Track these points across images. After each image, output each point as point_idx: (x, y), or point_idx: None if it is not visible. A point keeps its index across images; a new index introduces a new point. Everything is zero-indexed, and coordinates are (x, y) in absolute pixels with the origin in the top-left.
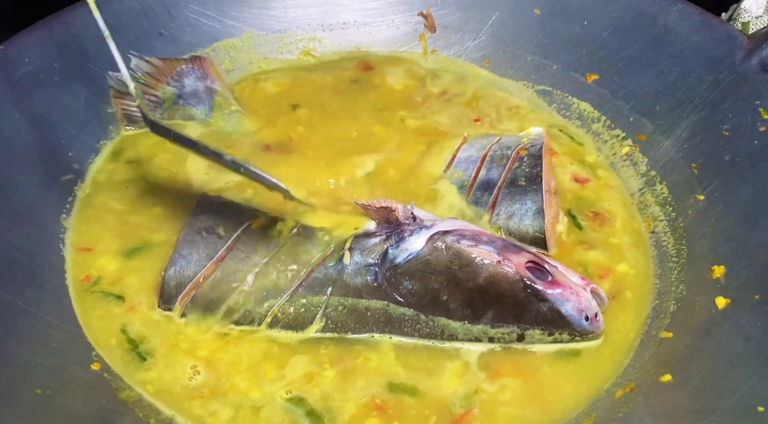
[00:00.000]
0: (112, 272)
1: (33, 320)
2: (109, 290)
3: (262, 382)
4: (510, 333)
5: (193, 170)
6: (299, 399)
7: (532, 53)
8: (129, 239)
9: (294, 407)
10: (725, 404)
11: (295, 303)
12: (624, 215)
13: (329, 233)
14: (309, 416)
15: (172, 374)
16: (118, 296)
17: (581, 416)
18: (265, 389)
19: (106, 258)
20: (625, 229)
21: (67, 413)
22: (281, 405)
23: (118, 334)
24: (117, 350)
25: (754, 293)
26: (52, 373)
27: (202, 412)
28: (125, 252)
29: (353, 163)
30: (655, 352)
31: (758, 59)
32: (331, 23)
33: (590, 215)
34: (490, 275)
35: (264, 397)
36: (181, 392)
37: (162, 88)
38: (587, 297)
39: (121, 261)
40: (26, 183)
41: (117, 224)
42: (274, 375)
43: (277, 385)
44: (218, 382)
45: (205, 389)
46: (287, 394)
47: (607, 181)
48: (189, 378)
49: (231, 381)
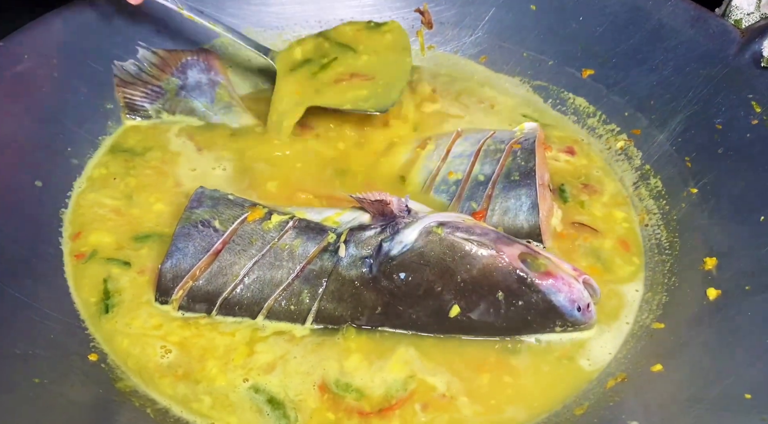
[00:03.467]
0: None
1: (32, 311)
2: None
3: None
4: (503, 324)
5: (185, 166)
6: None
7: (528, 49)
8: (128, 231)
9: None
10: (714, 392)
11: (290, 295)
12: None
13: (324, 226)
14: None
15: (143, 353)
16: (125, 262)
17: (573, 405)
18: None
19: (106, 250)
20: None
21: (65, 401)
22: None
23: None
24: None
25: (744, 284)
26: (51, 363)
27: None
28: (125, 242)
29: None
30: (647, 343)
31: (751, 53)
32: (329, 20)
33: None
34: (483, 267)
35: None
36: (154, 368)
37: (166, 79)
38: (579, 288)
39: (120, 249)
40: (25, 178)
41: (115, 218)
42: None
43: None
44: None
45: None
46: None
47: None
48: (161, 356)
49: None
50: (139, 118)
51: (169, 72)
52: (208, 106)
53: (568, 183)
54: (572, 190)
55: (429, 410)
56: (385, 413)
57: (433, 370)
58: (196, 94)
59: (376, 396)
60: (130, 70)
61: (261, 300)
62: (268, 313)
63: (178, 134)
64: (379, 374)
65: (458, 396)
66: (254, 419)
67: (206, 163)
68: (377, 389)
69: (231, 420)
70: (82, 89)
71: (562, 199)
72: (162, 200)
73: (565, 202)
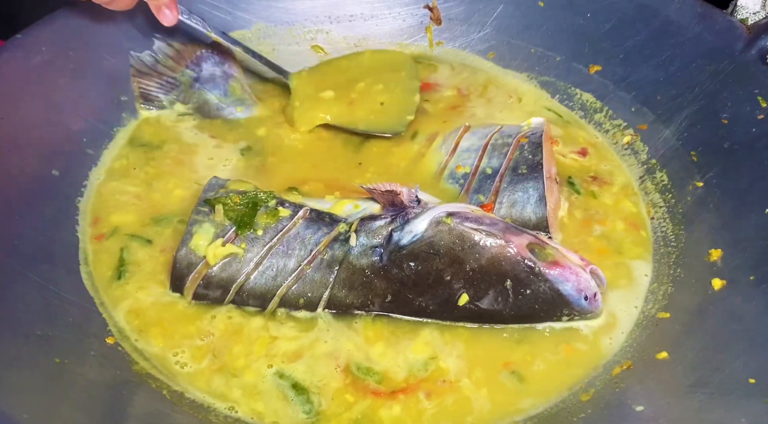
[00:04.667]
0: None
1: (50, 295)
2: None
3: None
4: (511, 312)
5: (202, 155)
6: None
7: (536, 45)
8: (151, 213)
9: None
10: (718, 377)
11: (303, 283)
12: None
13: (335, 215)
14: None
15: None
16: (147, 240)
17: (579, 391)
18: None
19: (128, 227)
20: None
21: (84, 381)
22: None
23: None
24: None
25: (749, 275)
26: (70, 345)
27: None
28: (147, 221)
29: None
30: (653, 331)
31: (757, 50)
32: (339, 15)
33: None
34: (491, 256)
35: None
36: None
37: (181, 71)
38: (586, 277)
39: (143, 226)
40: (42, 167)
41: (137, 202)
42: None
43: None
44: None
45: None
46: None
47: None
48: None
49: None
50: (154, 108)
51: (183, 64)
52: (221, 99)
53: (575, 176)
54: (582, 183)
55: (435, 395)
56: (397, 395)
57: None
58: (210, 87)
59: (396, 379)
60: (146, 61)
61: (274, 288)
62: (280, 301)
63: (193, 127)
64: (400, 357)
65: (464, 381)
66: (279, 405)
67: (221, 154)
68: (400, 371)
69: (257, 406)
70: (98, 82)
71: (573, 191)
72: (180, 187)
73: (579, 195)
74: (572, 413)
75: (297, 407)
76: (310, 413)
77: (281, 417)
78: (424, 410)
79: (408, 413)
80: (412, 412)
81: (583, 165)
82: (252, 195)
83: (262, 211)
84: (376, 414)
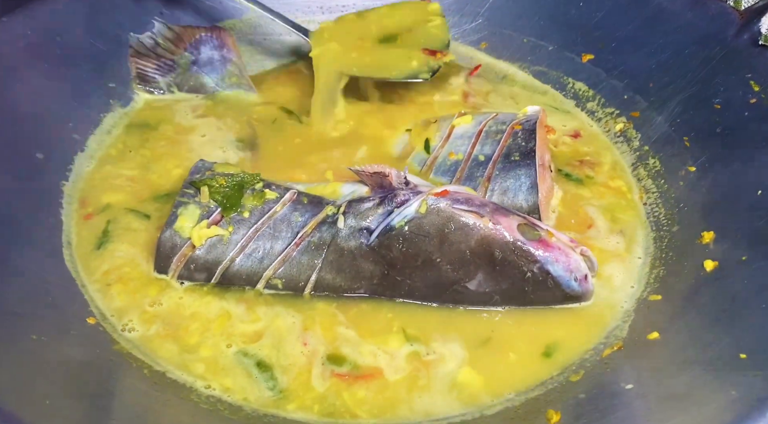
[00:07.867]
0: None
1: (31, 275)
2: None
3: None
4: (501, 293)
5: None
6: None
7: (528, 35)
8: (149, 193)
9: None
10: (709, 354)
11: (290, 266)
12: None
13: (323, 198)
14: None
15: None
16: (145, 215)
17: (569, 373)
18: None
19: (124, 204)
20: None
21: (62, 357)
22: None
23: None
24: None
25: (741, 255)
26: (49, 323)
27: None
28: (146, 198)
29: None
30: (645, 314)
31: (750, 34)
32: (330, 6)
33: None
34: (481, 237)
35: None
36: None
37: (179, 54)
38: (577, 258)
39: (141, 202)
40: (26, 149)
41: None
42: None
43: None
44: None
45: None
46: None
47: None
48: (150, 304)
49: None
50: (149, 89)
51: (182, 47)
52: (217, 82)
53: (568, 161)
54: (573, 170)
55: (419, 375)
56: (365, 379)
57: (427, 338)
58: (207, 70)
59: (363, 364)
60: (145, 42)
61: (260, 270)
62: (267, 283)
63: (188, 109)
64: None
65: (452, 362)
66: (245, 381)
67: (218, 136)
68: (366, 357)
69: (225, 382)
70: (86, 67)
71: (570, 180)
72: (180, 167)
73: (572, 181)
74: (562, 393)
75: (261, 384)
76: (274, 390)
77: (249, 393)
78: (393, 392)
79: (374, 394)
80: (378, 393)
81: (577, 150)
82: (238, 177)
83: (249, 193)
84: (341, 396)
